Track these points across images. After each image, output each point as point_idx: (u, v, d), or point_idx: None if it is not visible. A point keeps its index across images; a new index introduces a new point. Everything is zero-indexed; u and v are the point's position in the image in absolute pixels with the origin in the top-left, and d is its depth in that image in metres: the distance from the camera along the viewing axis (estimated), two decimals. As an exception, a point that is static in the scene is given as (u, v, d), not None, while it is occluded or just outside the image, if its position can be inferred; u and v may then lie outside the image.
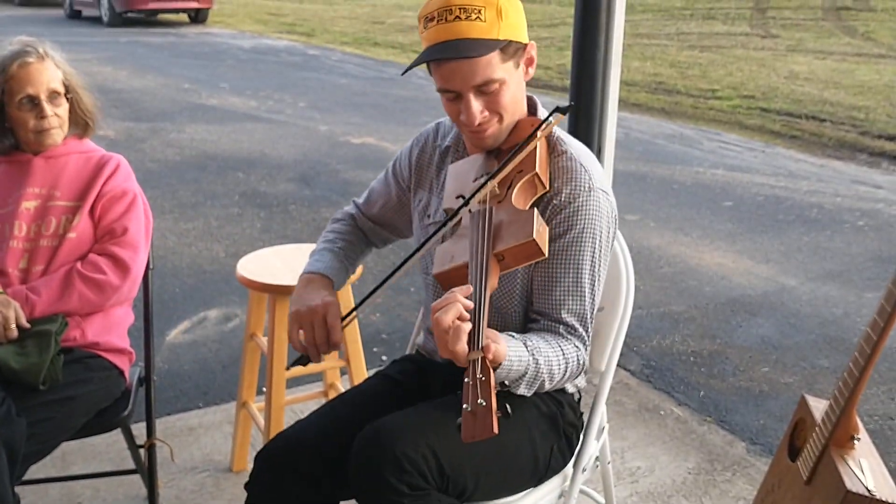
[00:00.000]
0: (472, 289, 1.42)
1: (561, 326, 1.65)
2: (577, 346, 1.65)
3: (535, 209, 1.52)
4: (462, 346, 1.33)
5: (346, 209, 2.03)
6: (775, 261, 4.72)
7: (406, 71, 1.61)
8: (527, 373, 1.54)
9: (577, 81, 3.08)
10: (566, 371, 1.63)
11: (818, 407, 1.86)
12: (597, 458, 2.00)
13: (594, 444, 1.93)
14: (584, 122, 3.11)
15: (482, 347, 1.33)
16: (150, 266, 2.37)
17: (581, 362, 1.67)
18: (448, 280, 1.54)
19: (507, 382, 1.54)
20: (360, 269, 2.52)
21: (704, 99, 9.31)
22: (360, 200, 2.01)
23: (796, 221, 5.41)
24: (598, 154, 3.15)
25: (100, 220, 2.18)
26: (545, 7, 19.16)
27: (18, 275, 2.12)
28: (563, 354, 1.62)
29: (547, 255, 1.49)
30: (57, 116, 2.17)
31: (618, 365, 1.99)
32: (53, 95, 2.16)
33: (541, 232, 1.48)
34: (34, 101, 2.14)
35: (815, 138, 7.70)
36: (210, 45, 13.50)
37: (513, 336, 1.56)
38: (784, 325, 3.89)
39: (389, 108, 8.71)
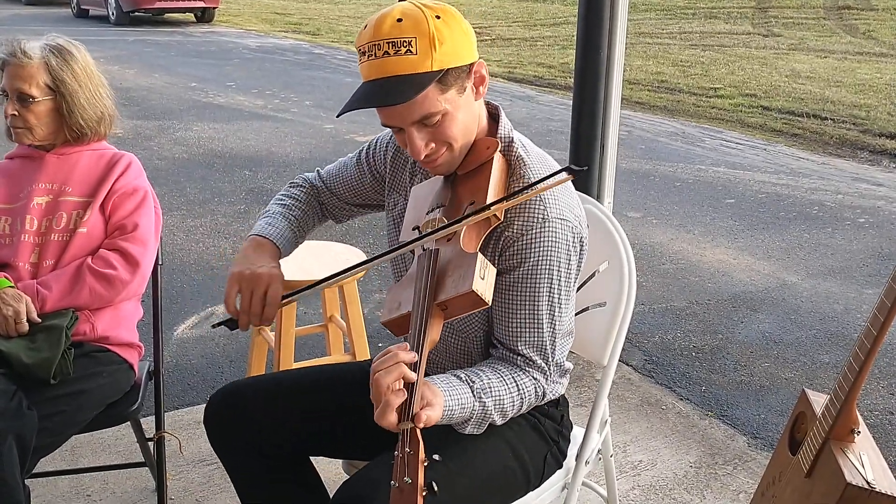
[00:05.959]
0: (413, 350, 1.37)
1: (519, 358, 1.60)
2: (535, 378, 1.61)
3: (480, 254, 1.43)
4: (390, 419, 1.29)
5: (308, 176, 1.94)
6: (776, 257, 4.74)
7: (341, 114, 1.52)
8: (472, 417, 1.52)
9: (581, 80, 3.11)
10: (521, 405, 1.60)
11: (818, 401, 1.87)
12: (599, 452, 2.02)
13: (596, 438, 1.95)
14: (588, 121, 3.14)
15: (412, 417, 1.28)
16: (160, 262, 2.39)
17: (540, 393, 1.63)
18: (396, 327, 1.48)
19: (453, 425, 1.52)
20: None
21: (706, 97, 9.32)
22: (325, 173, 1.93)
23: (797, 218, 5.42)
24: (601, 152, 3.17)
25: (110, 216, 2.20)
26: (549, 6, 19.17)
27: (29, 269, 2.13)
28: (518, 390, 1.58)
29: (490, 302, 1.41)
30: (20, 118, 2.15)
31: (620, 360, 2.02)
32: (22, 97, 2.14)
33: (483, 280, 1.40)
34: (6, 96, 2.17)
35: (817, 136, 7.71)
36: (216, 44, 13.51)
37: (458, 377, 1.52)
38: (785, 321, 3.91)
39: (393, 107, 8.73)
